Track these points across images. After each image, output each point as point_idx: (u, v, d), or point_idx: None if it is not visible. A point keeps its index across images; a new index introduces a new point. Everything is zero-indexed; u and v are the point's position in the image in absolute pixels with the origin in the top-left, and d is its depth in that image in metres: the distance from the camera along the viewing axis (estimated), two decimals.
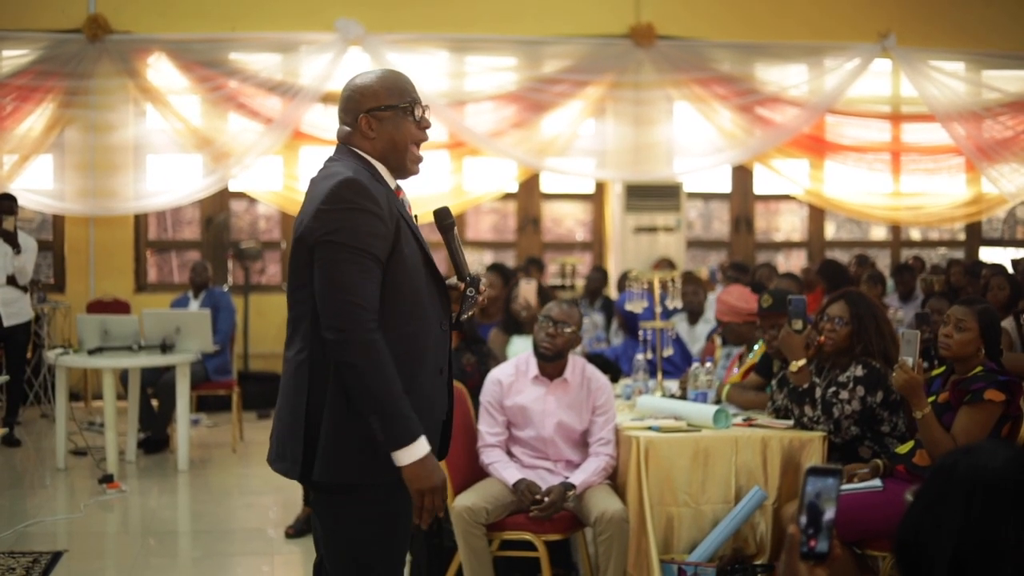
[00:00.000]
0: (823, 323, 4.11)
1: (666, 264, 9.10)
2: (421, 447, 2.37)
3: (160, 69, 9.20)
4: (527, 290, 5.49)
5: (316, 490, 2.53)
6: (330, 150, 2.61)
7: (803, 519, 1.45)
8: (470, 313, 2.69)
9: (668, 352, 4.89)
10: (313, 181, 2.54)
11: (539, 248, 10.21)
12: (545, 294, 5.55)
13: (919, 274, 8.85)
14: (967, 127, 10.02)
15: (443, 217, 2.63)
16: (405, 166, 2.56)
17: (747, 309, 4.90)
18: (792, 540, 1.46)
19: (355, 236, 2.37)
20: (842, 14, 10.05)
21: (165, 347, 6.61)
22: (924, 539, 1.32)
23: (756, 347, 4.81)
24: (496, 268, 6.56)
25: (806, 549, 1.45)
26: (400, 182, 2.60)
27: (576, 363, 4.25)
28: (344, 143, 2.57)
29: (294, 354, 2.49)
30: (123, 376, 6.92)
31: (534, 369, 4.21)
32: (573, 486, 4.00)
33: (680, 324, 6.73)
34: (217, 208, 9.72)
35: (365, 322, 2.35)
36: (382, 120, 2.52)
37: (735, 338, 5.04)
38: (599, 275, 8.60)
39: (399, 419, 2.35)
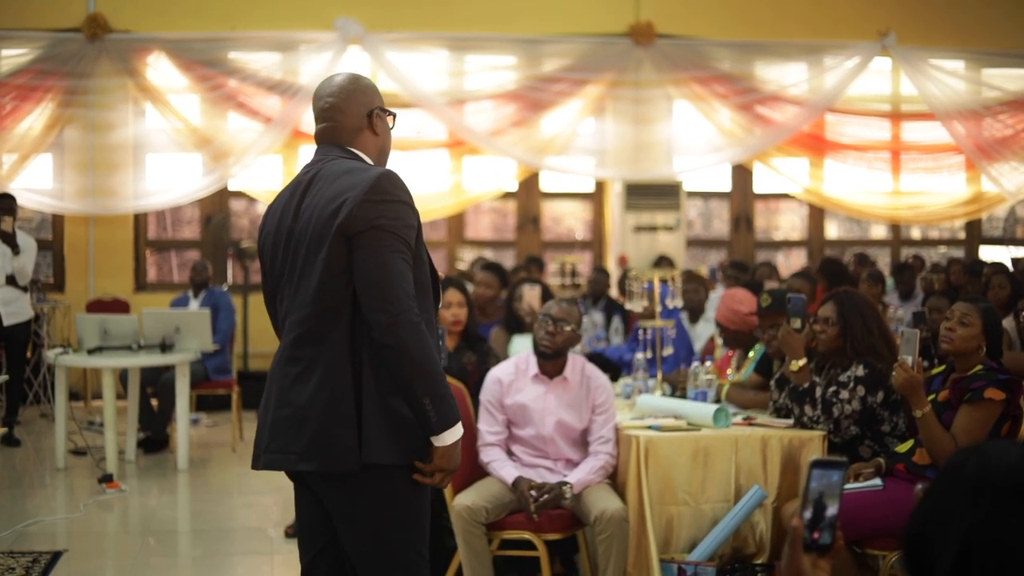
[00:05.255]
0: (814, 325, 4.12)
1: (667, 263, 9.08)
2: (459, 429, 2.44)
3: (159, 68, 9.20)
4: (531, 295, 5.46)
5: (347, 477, 2.43)
6: None
7: (807, 511, 1.45)
8: None
9: (668, 351, 4.87)
10: (324, 177, 2.48)
11: (539, 247, 10.20)
12: (549, 297, 5.52)
13: (919, 273, 8.85)
14: (967, 125, 10.01)
15: None
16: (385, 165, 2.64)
17: (743, 312, 4.84)
18: (795, 533, 1.46)
19: (401, 226, 2.42)
20: (842, 13, 10.05)
21: (165, 346, 6.60)
22: (931, 534, 1.32)
23: (755, 347, 4.79)
24: (492, 268, 6.51)
25: (809, 541, 1.44)
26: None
27: (576, 362, 4.25)
28: (338, 142, 2.54)
29: (329, 346, 2.44)
30: (123, 375, 6.91)
31: (534, 367, 4.21)
32: (570, 485, 3.99)
33: None
34: (217, 207, 9.71)
35: (413, 307, 2.38)
36: (383, 120, 2.60)
37: (733, 341, 4.99)
38: (602, 276, 8.58)
39: (448, 400, 2.41)
